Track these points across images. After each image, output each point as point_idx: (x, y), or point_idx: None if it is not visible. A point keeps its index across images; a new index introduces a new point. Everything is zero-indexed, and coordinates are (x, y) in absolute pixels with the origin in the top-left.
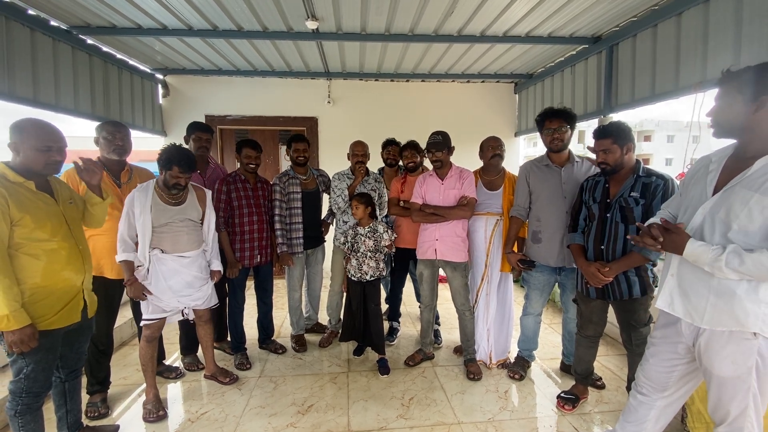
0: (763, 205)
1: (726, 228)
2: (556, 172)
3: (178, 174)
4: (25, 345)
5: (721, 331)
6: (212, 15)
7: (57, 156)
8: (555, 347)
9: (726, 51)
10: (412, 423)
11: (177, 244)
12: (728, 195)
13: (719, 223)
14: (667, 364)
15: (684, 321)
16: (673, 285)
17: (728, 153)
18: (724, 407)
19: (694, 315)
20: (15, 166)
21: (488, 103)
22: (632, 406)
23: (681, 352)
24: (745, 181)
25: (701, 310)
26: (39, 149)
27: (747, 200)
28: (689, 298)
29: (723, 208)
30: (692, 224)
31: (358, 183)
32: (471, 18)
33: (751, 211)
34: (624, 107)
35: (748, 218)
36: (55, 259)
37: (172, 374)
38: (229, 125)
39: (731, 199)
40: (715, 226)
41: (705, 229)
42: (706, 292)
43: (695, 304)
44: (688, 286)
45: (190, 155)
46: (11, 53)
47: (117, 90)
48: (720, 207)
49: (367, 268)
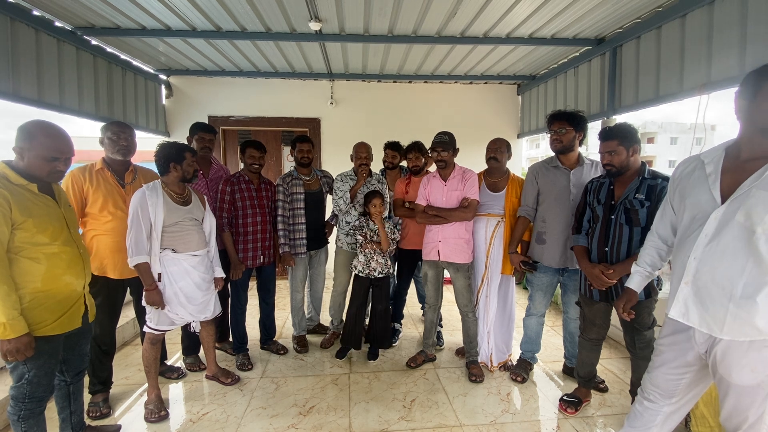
0: None
1: (749, 233)
2: (564, 173)
3: (192, 160)
4: (21, 354)
5: (740, 341)
6: (216, 16)
7: (62, 166)
8: (557, 349)
9: (730, 53)
10: (414, 425)
11: (189, 243)
12: (744, 199)
13: (739, 229)
14: (676, 372)
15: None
16: (688, 293)
17: (720, 155)
18: (741, 414)
19: (713, 325)
20: (17, 167)
21: (491, 104)
22: (638, 412)
23: (691, 359)
24: (761, 183)
25: (720, 321)
26: (46, 159)
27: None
28: (707, 307)
29: (741, 213)
30: (706, 231)
31: (360, 185)
32: (474, 19)
33: None
34: (627, 109)
35: None
36: (56, 263)
37: (173, 374)
38: (232, 126)
39: (750, 203)
40: (736, 232)
41: (724, 235)
42: (726, 301)
43: (713, 314)
44: (706, 295)
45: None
46: (16, 54)
47: (121, 90)
48: (736, 212)
49: (375, 264)
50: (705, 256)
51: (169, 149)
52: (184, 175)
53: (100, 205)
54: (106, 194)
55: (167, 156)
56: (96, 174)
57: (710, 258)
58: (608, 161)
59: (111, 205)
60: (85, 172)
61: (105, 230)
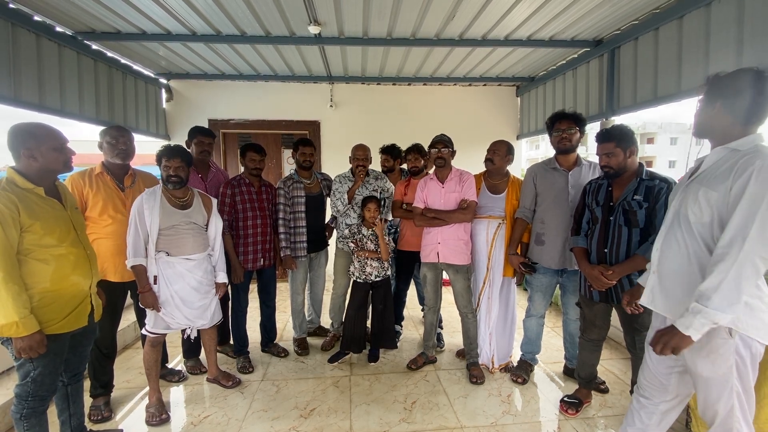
0: (708, 197)
1: (686, 221)
2: (563, 175)
3: (167, 163)
4: (34, 351)
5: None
6: (216, 20)
7: (69, 153)
8: (558, 351)
9: (728, 54)
10: (415, 427)
11: (182, 247)
12: (685, 191)
13: (682, 218)
14: (664, 364)
15: (669, 319)
16: (654, 281)
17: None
18: (711, 407)
19: (674, 312)
20: (24, 171)
21: (490, 106)
22: (634, 410)
23: None
24: (698, 176)
25: (680, 308)
26: (57, 149)
27: (696, 194)
28: (668, 294)
29: (683, 205)
30: (665, 222)
31: (357, 186)
32: (472, 22)
33: (700, 204)
34: (626, 110)
35: (699, 211)
36: (64, 264)
37: (174, 377)
38: (232, 129)
39: (686, 194)
40: (681, 223)
41: (674, 226)
42: (680, 290)
43: (673, 302)
44: (668, 282)
45: (177, 147)
46: (17, 59)
47: (121, 94)
48: (681, 203)
49: (370, 269)
50: (663, 245)
51: (157, 155)
52: (164, 181)
53: (100, 208)
54: (106, 198)
55: (156, 162)
56: (95, 178)
57: (666, 247)
58: (606, 163)
59: (111, 208)
60: (85, 176)
61: (105, 233)
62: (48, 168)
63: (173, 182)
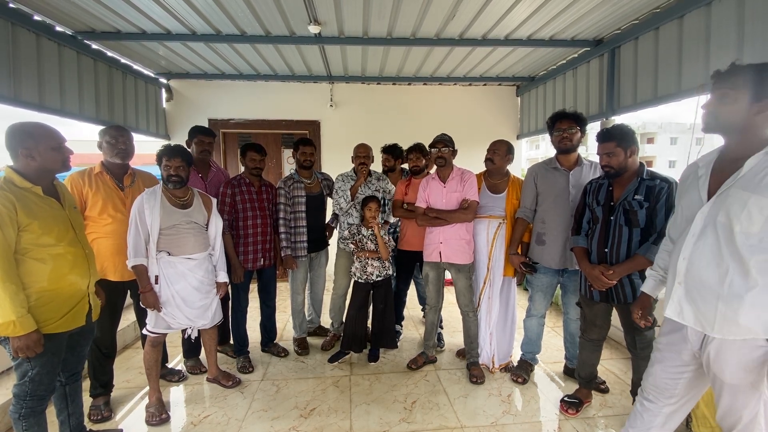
0: (761, 206)
1: (729, 232)
2: (563, 175)
3: (167, 163)
4: (31, 350)
5: (732, 340)
6: (216, 20)
7: (67, 152)
8: (558, 350)
9: (728, 53)
10: (415, 427)
11: (183, 247)
12: (724, 198)
13: (721, 228)
14: (673, 371)
15: (690, 327)
16: (681, 293)
17: (714, 157)
18: (735, 414)
19: (705, 323)
20: (22, 171)
21: (490, 106)
22: (638, 412)
23: (686, 359)
24: (739, 182)
25: (711, 319)
26: (54, 148)
27: (745, 202)
28: (698, 306)
29: (722, 212)
30: (693, 230)
31: (360, 184)
32: (473, 22)
33: (750, 212)
34: (626, 110)
35: (748, 220)
36: (62, 263)
37: (174, 377)
38: (232, 129)
39: (728, 202)
40: (718, 231)
41: (708, 234)
42: (714, 299)
43: (705, 312)
44: (697, 294)
45: (178, 146)
46: (17, 58)
47: (121, 94)
48: (718, 211)
49: (371, 269)
50: (693, 255)
51: (159, 152)
52: (164, 180)
53: (99, 208)
54: (106, 197)
55: (158, 158)
56: (95, 177)
57: (697, 257)
58: (606, 162)
59: (110, 208)
60: (84, 176)
61: (105, 233)
62: (46, 167)
63: (174, 182)
